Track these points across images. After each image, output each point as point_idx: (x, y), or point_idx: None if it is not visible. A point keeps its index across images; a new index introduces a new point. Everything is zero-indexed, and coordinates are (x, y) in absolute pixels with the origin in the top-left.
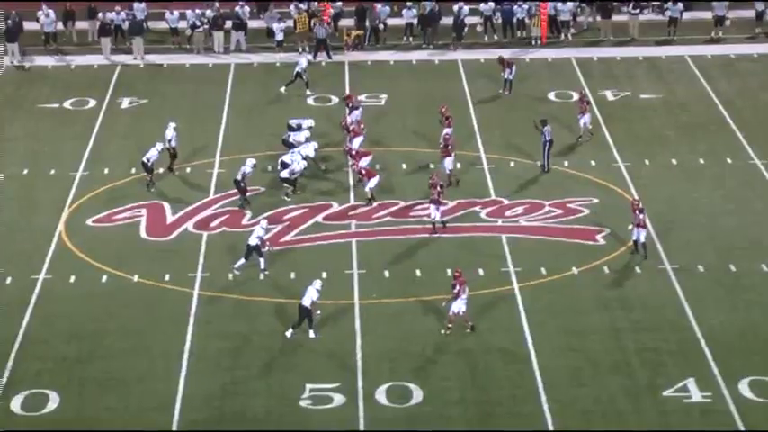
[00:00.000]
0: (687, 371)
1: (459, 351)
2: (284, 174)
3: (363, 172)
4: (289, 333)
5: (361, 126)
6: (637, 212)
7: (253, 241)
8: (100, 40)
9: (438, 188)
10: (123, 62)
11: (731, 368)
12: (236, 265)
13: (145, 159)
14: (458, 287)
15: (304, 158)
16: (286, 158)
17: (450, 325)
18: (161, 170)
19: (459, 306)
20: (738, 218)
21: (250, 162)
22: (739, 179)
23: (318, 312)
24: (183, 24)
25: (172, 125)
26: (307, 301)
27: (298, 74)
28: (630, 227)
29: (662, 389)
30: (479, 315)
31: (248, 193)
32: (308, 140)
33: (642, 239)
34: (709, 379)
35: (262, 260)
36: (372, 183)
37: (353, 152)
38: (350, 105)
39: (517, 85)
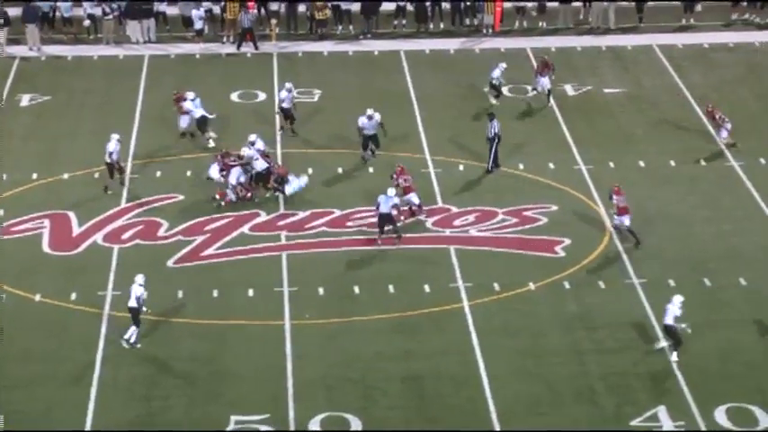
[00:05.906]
0: (657, 397)
1: (404, 377)
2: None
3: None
4: None
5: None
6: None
7: (132, 303)
8: None
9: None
10: (21, 54)
11: (706, 394)
12: (126, 336)
13: (110, 159)
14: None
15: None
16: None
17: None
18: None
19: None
20: (714, 226)
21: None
22: (715, 182)
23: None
24: (78, 12)
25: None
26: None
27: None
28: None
29: (630, 418)
30: (425, 336)
31: (164, 202)
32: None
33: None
34: (681, 406)
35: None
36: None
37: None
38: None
39: (466, 79)
